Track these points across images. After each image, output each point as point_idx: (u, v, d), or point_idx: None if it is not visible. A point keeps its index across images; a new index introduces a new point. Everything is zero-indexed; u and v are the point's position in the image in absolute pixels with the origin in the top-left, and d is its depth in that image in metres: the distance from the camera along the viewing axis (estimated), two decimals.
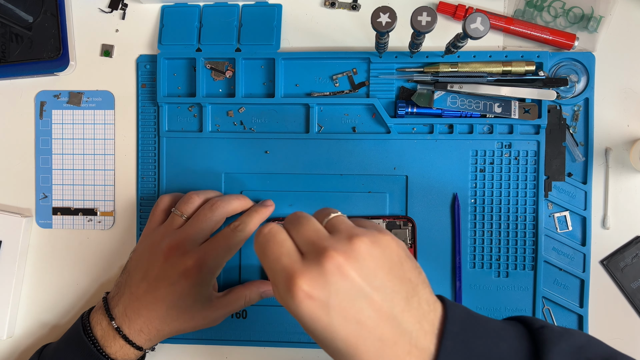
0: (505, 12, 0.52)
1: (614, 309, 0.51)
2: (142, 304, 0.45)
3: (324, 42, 0.53)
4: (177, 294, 0.45)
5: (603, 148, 0.51)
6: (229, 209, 0.48)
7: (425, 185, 0.51)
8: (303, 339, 0.52)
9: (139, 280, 0.46)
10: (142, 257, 0.47)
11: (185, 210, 0.48)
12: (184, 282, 0.45)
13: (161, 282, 0.45)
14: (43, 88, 0.55)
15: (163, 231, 0.47)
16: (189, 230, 0.46)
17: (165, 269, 0.45)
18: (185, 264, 0.44)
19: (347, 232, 0.32)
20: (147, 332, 0.46)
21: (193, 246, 0.46)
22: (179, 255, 0.45)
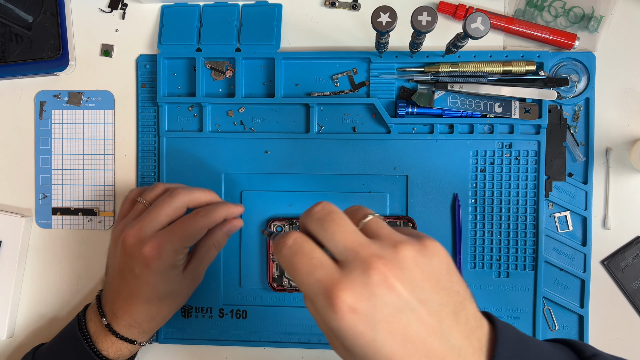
0: (506, 11, 0.52)
1: (614, 309, 0.51)
2: (123, 300, 0.44)
3: (324, 42, 0.53)
4: (146, 286, 0.43)
5: (604, 148, 0.51)
6: (191, 198, 0.45)
7: (426, 185, 0.51)
8: (303, 339, 0.52)
9: (112, 277, 0.46)
10: (110, 252, 0.47)
11: (148, 197, 0.46)
12: (147, 272, 0.43)
13: (128, 276, 0.44)
14: (43, 88, 0.55)
15: (125, 221, 0.46)
16: (146, 217, 0.44)
17: (127, 261, 0.43)
18: (143, 253, 0.42)
19: (390, 239, 0.29)
20: (137, 326, 0.45)
21: (150, 233, 0.43)
22: (136, 244, 0.43)
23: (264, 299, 0.53)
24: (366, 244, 0.28)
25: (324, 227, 0.29)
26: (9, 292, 0.54)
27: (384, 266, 0.27)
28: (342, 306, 0.26)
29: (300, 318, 0.52)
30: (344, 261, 0.28)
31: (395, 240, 0.29)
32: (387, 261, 0.27)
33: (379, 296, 0.27)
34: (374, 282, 0.27)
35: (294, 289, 0.51)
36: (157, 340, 0.53)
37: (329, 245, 0.29)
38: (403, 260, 0.28)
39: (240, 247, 0.53)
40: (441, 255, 0.29)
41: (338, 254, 0.28)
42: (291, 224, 0.51)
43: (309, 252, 0.29)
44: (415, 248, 0.28)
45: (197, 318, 0.53)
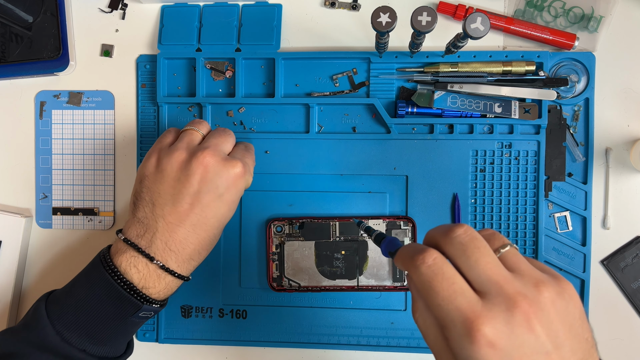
0: (506, 12, 0.52)
1: (614, 309, 0.51)
2: (188, 229, 0.41)
3: (324, 42, 0.53)
4: (227, 205, 0.42)
5: (603, 148, 0.51)
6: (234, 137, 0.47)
7: (426, 185, 0.51)
8: (303, 339, 0.52)
9: (171, 206, 0.41)
10: (166, 177, 0.42)
11: (201, 129, 0.45)
12: (234, 190, 0.42)
13: (205, 197, 0.41)
14: (43, 88, 0.55)
15: (184, 146, 0.43)
16: (217, 141, 0.43)
17: (209, 180, 0.41)
18: (233, 170, 0.42)
19: (531, 277, 0.29)
20: (198, 257, 0.43)
21: (224, 155, 0.43)
22: (220, 162, 0.42)
23: (264, 299, 0.53)
24: (510, 279, 0.28)
25: (466, 254, 0.29)
26: (9, 291, 0.54)
27: (528, 306, 0.27)
28: (482, 340, 0.26)
29: (300, 318, 0.52)
30: (486, 293, 0.28)
31: (536, 278, 0.28)
32: (531, 301, 0.27)
33: (518, 335, 0.27)
34: (516, 321, 0.27)
35: (294, 289, 0.51)
36: (157, 340, 0.53)
37: (470, 272, 0.28)
38: (544, 301, 0.28)
39: (240, 247, 0.53)
40: (576, 299, 0.29)
41: (479, 284, 0.28)
42: (291, 224, 0.52)
43: (450, 276, 0.28)
44: (555, 290, 0.28)
45: (197, 318, 0.53)
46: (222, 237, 0.52)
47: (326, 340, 0.52)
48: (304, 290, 0.51)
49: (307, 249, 0.51)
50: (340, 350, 0.53)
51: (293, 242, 0.51)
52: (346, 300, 0.52)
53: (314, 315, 0.52)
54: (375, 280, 0.51)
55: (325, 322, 0.52)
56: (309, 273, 0.51)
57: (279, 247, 0.52)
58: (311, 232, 0.51)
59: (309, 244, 0.51)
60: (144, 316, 0.43)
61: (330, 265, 0.51)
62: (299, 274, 0.51)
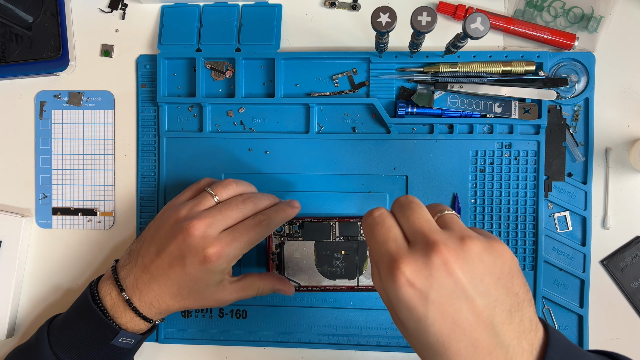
0: (505, 12, 0.52)
1: (614, 309, 0.51)
2: (154, 278, 0.43)
3: (324, 42, 0.53)
4: (190, 277, 0.43)
5: (603, 148, 0.51)
6: (259, 206, 0.46)
7: (425, 185, 0.51)
8: (303, 339, 0.52)
9: (153, 254, 0.44)
10: (161, 229, 0.44)
11: (220, 194, 0.45)
12: (199, 268, 0.42)
13: (176, 261, 0.43)
14: (43, 88, 0.55)
15: (190, 207, 0.45)
16: (216, 215, 0.43)
17: (182, 249, 0.42)
18: (205, 251, 0.42)
19: (460, 232, 0.31)
20: (157, 306, 0.44)
21: (215, 231, 0.43)
22: (200, 239, 0.42)
23: (264, 299, 0.53)
24: (436, 230, 0.31)
25: (402, 211, 0.33)
26: (9, 292, 0.54)
27: (447, 252, 0.29)
28: (401, 277, 0.29)
29: (300, 318, 0.52)
30: (413, 241, 0.31)
31: (464, 234, 0.31)
32: (452, 249, 0.30)
33: (436, 277, 0.29)
34: (434, 264, 0.29)
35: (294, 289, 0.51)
36: (157, 340, 0.53)
37: (404, 226, 0.32)
38: (468, 251, 0.30)
39: None
40: (506, 256, 0.31)
41: (410, 234, 0.32)
42: (291, 224, 0.52)
43: (388, 225, 0.33)
44: (482, 245, 0.30)
45: (197, 318, 0.53)
46: None
47: (326, 340, 0.52)
48: (304, 290, 0.51)
49: (307, 249, 0.51)
50: (340, 350, 0.53)
51: (293, 242, 0.52)
52: (346, 300, 0.52)
53: (314, 315, 0.52)
54: None
55: (325, 322, 0.52)
56: (309, 273, 0.51)
57: (279, 247, 0.52)
58: (311, 232, 0.51)
59: (309, 244, 0.51)
60: (124, 342, 0.45)
61: (330, 265, 0.51)
62: (299, 274, 0.51)
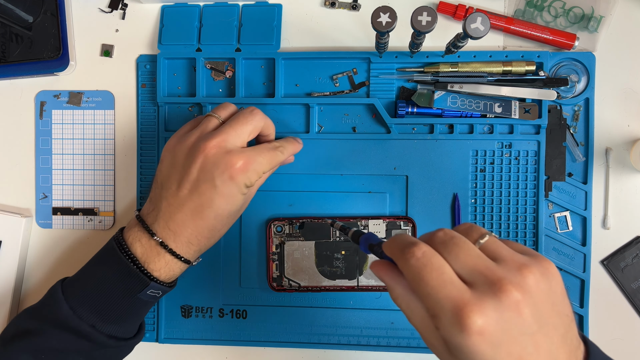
0: (506, 12, 0.52)
1: (614, 309, 0.51)
2: (186, 214, 0.42)
3: (324, 42, 0.53)
4: (224, 197, 0.42)
5: (603, 148, 0.51)
6: (266, 122, 0.45)
7: (426, 185, 0.51)
8: (303, 339, 0.52)
9: (176, 189, 0.42)
10: (175, 162, 0.43)
11: (222, 114, 0.45)
12: (230, 184, 0.41)
13: (204, 186, 0.41)
14: (43, 88, 0.55)
15: (198, 133, 0.43)
16: (228, 130, 0.42)
17: (207, 170, 0.41)
18: (232, 163, 0.41)
19: (514, 262, 0.29)
20: (197, 242, 0.43)
21: (234, 146, 0.42)
22: (222, 154, 0.41)
23: (264, 299, 0.53)
24: (493, 267, 0.29)
25: (447, 250, 0.30)
26: (9, 292, 0.54)
27: (515, 291, 0.28)
28: (473, 327, 0.27)
29: (300, 318, 0.52)
30: (473, 283, 0.29)
31: (519, 262, 0.29)
32: (517, 286, 0.28)
33: (507, 320, 0.27)
34: (505, 307, 0.27)
35: (294, 289, 0.51)
36: (157, 340, 0.53)
37: (455, 266, 0.29)
38: (529, 284, 0.28)
39: (240, 247, 0.53)
40: (557, 277, 0.30)
41: (466, 275, 0.29)
42: (291, 224, 0.52)
43: (439, 266, 0.29)
44: (538, 271, 0.29)
45: (197, 318, 0.53)
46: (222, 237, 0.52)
47: (326, 340, 0.52)
48: (304, 290, 0.51)
49: (307, 249, 0.51)
50: (340, 350, 0.53)
51: (293, 242, 0.51)
52: (346, 300, 0.52)
53: (314, 315, 0.52)
54: (375, 280, 0.51)
55: (325, 322, 0.52)
56: (309, 273, 0.51)
57: (279, 247, 0.52)
58: (311, 232, 0.51)
59: (309, 244, 0.51)
60: (151, 294, 0.43)
61: (330, 265, 0.51)
62: (299, 274, 0.51)
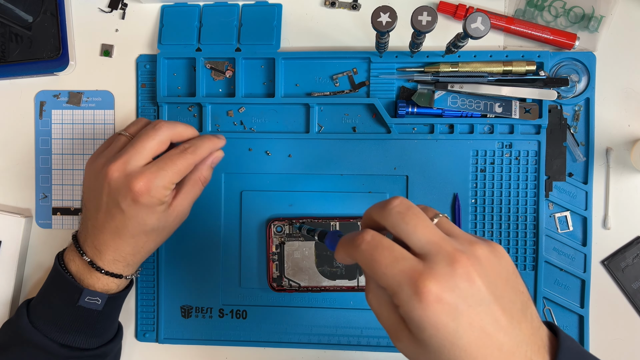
0: (506, 11, 0.52)
1: (614, 309, 0.51)
2: (106, 235, 0.43)
3: (324, 42, 0.53)
4: (134, 220, 0.42)
5: (604, 148, 0.51)
6: (174, 131, 0.44)
7: (426, 185, 0.51)
8: (303, 339, 0.52)
9: (94, 212, 0.43)
10: (89, 186, 0.44)
11: (130, 130, 0.45)
12: (135, 206, 0.41)
13: (114, 210, 0.42)
14: (43, 88, 0.55)
15: (106, 154, 0.43)
16: (130, 150, 0.42)
17: (112, 195, 0.42)
18: (132, 188, 0.41)
19: (465, 238, 0.30)
20: (122, 260, 0.44)
21: (136, 167, 0.41)
22: (123, 178, 0.41)
23: (264, 299, 0.53)
24: (447, 239, 0.30)
25: (405, 221, 0.30)
26: (9, 292, 0.54)
27: (467, 260, 0.28)
28: (429, 296, 0.27)
29: (300, 318, 0.52)
30: (426, 254, 0.29)
31: (470, 239, 0.30)
32: (469, 256, 0.29)
33: (462, 289, 0.28)
34: (458, 275, 0.28)
35: (294, 289, 0.51)
36: (157, 340, 0.53)
37: (409, 238, 0.30)
38: (480, 257, 0.29)
39: (240, 247, 0.53)
40: (506, 257, 0.31)
41: (420, 247, 0.29)
42: (291, 224, 0.51)
43: (389, 245, 0.30)
44: (488, 247, 0.30)
45: (197, 318, 0.53)
46: (221, 237, 0.52)
47: (326, 340, 0.52)
48: (304, 291, 0.51)
49: (307, 249, 0.51)
50: (340, 350, 0.53)
51: (293, 242, 0.51)
52: (346, 300, 0.52)
53: (314, 316, 0.52)
54: None
55: (325, 322, 0.52)
56: (309, 273, 0.51)
57: (279, 247, 0.52)
58: None
59: (309, 244, 0.51)
60: (90, 302, 0.45)
61: (330, 266, 0.51)
62: (299, 274, 0.51)
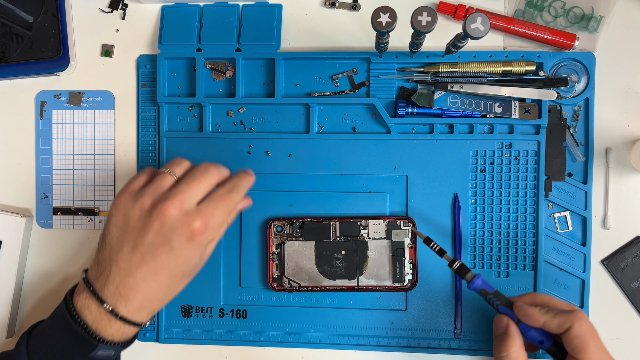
0: (506, 12, 0.52)
1: (614, 309, 0.51)
2: (138, 278, 0.40)
3: (324, 42, 0.53)
4: (180, 259, 0.41)
5: (603, 148, 0.51)
6: (221, 173, 0.44)
7: (426, 185, 0.51)
8: (303, 339, 0.52)
9: (129, 252, 0.40)
10: (127, 224, 0.41)
11: (177, 170, 0.43)
12: (189, 245, 0.40)
13: (159, 249, 0.40)
14: (43, 88, 0.55)
15: (152, 192, 0.41)
16: (185, 189, 0.41)
17: (164, 234, 0.40)
18: (190, 225, 0.40)
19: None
20: (150, 305, 0.42)
21: (191, 205, 0.41)
22: (181, 217, 0.40)
23: (264, 299, 0.53)
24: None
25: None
26: (9, 292, 0.54)
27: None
28: None
29: (300, 318, 0.52)
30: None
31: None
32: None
33: None
34: None
35: (294, 289, 0.51)
36: (157, 340, 0.53)
37: None
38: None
39: (240, 247, 0.53)
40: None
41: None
42: (291, 224, 0.52)
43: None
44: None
45: (197, 318, 0.53)
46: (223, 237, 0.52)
47: (326, 340, 0.52)
48: (304, 290, 0.51)
49: (307, 249, 0.51)
50: (340, 350, 0.53)
51: (293, 242, 0.51)
52: (346, 300, 0.52)
53: (314, 315, 0.52)
54: (375, 280, 0.51)
55: (325, 322, 0.52)
56: (309, 273, 0.51)
57: (279, 247, 0.52)
58: (311, 232, 0.51)
59: (309, 244, 0.51)
60: (102, 355, 0.42)
61: (330, 265, 0.51)
62: (299, 274, 0.51)
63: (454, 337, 0.51)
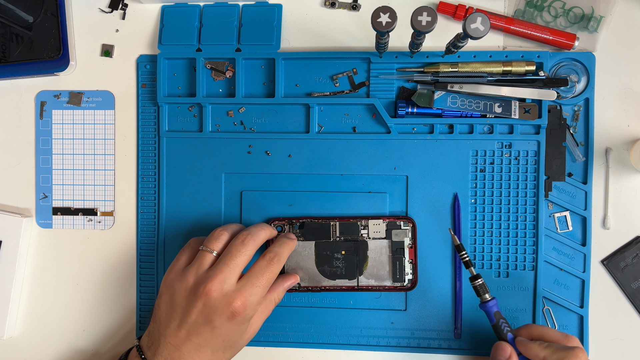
0: (506, 12, 0.52)
1: (614, 309, 0.51)
2: (184, 352, 0.44)
3: (324, 42, 0.53)
4: (221, 337, 0.44)
5: (603, 148, 0.51)
6: (258, 242, 0.46)
7: (426, 185, 0.51)
8: (302, 339, 0.52)
9: (175, 329, 0.44)
10: (174, 303, 0.45)
11: (215, 247, 0.46)
12: (229, 324, 0.43)
13: (202, 328, 0.43)
14: (43, 88, 0.55)
15: (194, 272, 0.45)
16: (223, 269, 0.44)
17: (205, 313, 0.43)
18: (230, 307, 0.43)
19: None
20: None
21: (231, 285, 0.44)
22: (222, 298, 0.43)
23: None
24: None
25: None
26: (9, 292, 0.54)
27: None
28: None
29: (300, 318, 0.52)
30: None
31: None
32: None
33: None
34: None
35: (294, 289, 0.51)
36: None
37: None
38: None
39: None
40: None
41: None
42: (291, 224, 0.52)
43: None
44: None
45: None
46: None
47: (326, 340, 0.52)
48: (304, 290, 0.51)
49: (307, 249, 0.51)
50: (340, 350, 0.53)
51: None
52: (346, 300, 0.52)
53: (314, 315, 0.52)
54: (375, 280, 0.51)
55: (325, 322, 0.52)
56: (309, 273, 0.51)
57: None
58: (311, 232, 0.51)
59: (309, 244, 0.51)
60: None
61: (330, 265, 0.51)
62: (299, 274, 0.51)
63: (454, 337, 0.51)
